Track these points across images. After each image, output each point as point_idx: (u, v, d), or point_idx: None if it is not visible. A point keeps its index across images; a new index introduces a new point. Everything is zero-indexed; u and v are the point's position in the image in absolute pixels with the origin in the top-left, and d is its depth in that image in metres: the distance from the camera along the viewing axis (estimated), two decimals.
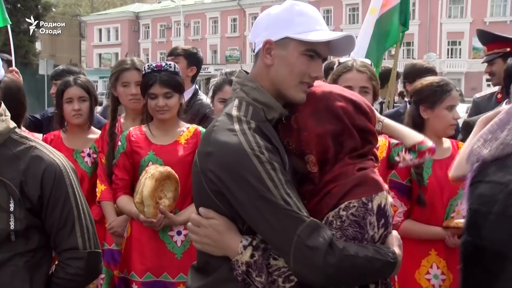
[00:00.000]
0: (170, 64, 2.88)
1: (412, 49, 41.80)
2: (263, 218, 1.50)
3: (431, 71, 4.18)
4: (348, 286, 1.58)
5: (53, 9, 40.99)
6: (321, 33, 1.63)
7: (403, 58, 39.92)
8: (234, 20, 50.91)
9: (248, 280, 1.54)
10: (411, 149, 2.26)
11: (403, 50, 41.73)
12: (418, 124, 2.72)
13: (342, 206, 1.55)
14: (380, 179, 1.63)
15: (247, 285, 1.55)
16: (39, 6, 33.13)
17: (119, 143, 2.95)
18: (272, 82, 1.65)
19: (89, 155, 3.35)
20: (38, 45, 41.56)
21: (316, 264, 1.45)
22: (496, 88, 3.94)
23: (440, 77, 2.93)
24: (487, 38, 3.99)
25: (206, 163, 1.57)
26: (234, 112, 1.61)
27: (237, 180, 1.51)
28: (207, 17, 52.43)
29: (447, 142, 2.89)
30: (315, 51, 1.63)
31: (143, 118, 3.06)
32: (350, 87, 2.43)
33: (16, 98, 2.78)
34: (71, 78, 3.34)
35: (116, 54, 55.22)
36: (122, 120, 3.32)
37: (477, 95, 4.15)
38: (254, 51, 1.71)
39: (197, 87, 4.20)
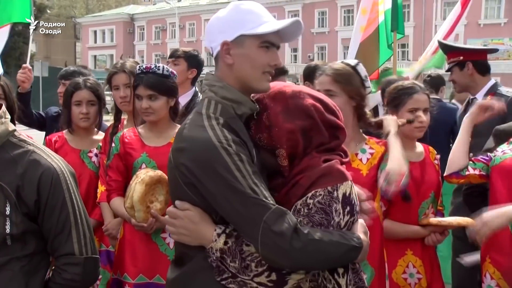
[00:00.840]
0: (159, 66, 2.84)
1: (407, 51, 41.93)
2: (232, 206, 1.60)
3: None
4: (315, 269, 1.66)
5: (48, 11, 40.90)
6: (270, 24, 1.74)
7: (398, 60, 39.97)
8: None
9: (223, 266, 1.63)
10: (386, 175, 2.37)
11: (398, 52, 41.74)
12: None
13: (309, 194, 1.65)
14: (344, 170, 1.73)
15: (221, 271, 1.64)
16: (34, 8, 33.01)
17: (113, 145, 2.95)
18: (237, 79, 1.76)
19: (96, 155, 3.36)
20: (32, 47, 41.39)
21: (283, 248, 1.54)
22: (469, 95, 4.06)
23: (411, 81, 3.02)
24: (445, 49, 4.23)
25: (178, 158, 1.67)
26: (204, 110, 1.72)
27: (207, 172, 1.61)
28: (202, 19, 52.40)
29: (419, 147, 2.96)
30: (269, 42, 1.74)
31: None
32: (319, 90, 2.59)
33: (9, 97, 2.76)
34: (81, 80, 3.34)
35: (111, 56, 55.17)
36: (125, 122, 3.36)
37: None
38: (213, 56, 1.81)
39: (197, 89, 4.19)
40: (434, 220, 2.82)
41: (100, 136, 3.43)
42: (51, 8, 50.90)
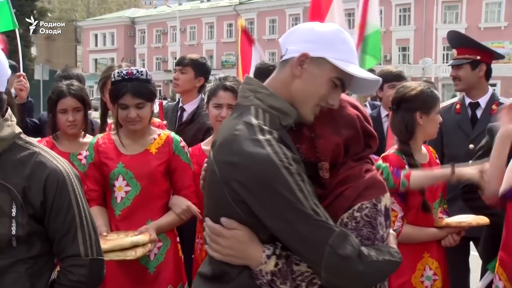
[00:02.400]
0: (141, 71, 2.69)
1: (408, 54, 41.95)
2: (293, 229, 1.51)
3: (401, 77, 4.29)
4: None
5: (49, 14, 40.99)
6: (357, 68, 1.66)
7: (399, 63, 40.06)
8: (230, 25, 50.97)
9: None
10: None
11: (399, 55, 41.89)
12: (411, 130, 2.80)
13: (356, 207, 1.60)
14: (384, 181, 1.70)
15: None
16: (35, 12, 33.11)
17: (87, 153, 2.79)
18: (291, 94, 1.66)
19: (86, 157, 3.29)
20: (33, 50, 41.50)
21: (349, 273, 1.51)
22: (456, 99, 3.95)
23: (422, 82, 2.99)
24: (460, 41, 3.90)
25: (230, 173, 1.56)
26: (254, 121, 1.59)
27: (268, 192, 1.51)
28: (203, 22, 52.52)
29: (422, 148, 2.97)
30: (342, 81, 1.66)
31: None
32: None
33: (11, 102, 2.76)
34: (64, 87, 3.16)
35: (112, 59, 55.18)
36: (113, 126, 3.18)
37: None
38: (282, 56, 1.70)
39: (203, 96, 3.99)
40: (453, 221, 2.83)
41: (88, 138, 3.27)
42: (52, 12, 51.00)
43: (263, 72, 3.92)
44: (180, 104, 4.11)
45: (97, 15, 62.04)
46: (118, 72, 2.67)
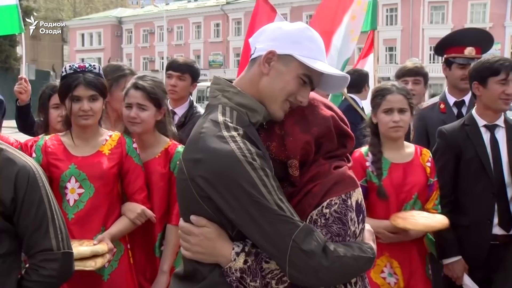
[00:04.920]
0: (94, 65, 2.65)
1: (395, 54, 42.14)
2: (256, 224, 1.51)
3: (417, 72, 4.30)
4: (337, 284, 1.63)
5: (35, 14, 40.59)
6: (324, 64, 1.67)
7: (386, 63, 40.26)
8: (217, 25, 50.90)
9: (242, 286, 1.57)
10: None
11: (386, 55, 42.06)
12: (376, 132, 2.93)
13: (325, 204, 1.61)
14: (354, 176, 1.70)
15: None
16: (20, 11, 32.75)
17: (34, 155, 2.63)
18: (259, 92, 1.68)
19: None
20: (19, 50, 41.12)
21: (312, 268, 1.50)
22: (437, 99, 3.98)
23: (390, 82, 3.06)
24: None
25: (195, 170, 1.57)
26: (220, 118, 1.61)
27: (231, 187, 1.52)
28: (190, 22, 52.33)
29: (410, 148, 2.98)
30: (310, 79, 1.67)
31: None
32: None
33: None
34: (58, 83, 3.13)
35: (99, 59, 54.83)
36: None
37: (422, 105, 4.12)
38: (251, 55, 1.71)
39: (192, 98, 4.04)
40: (400, 223, 2.72)
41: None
42: (37, 11, 50.50)
43: None
44: (170, 108, 4.05)
45: (84, 15, 61.58)
46: (69, 66, 2.63)
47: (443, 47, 3.97)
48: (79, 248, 2.40)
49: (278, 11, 4.77)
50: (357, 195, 1.66)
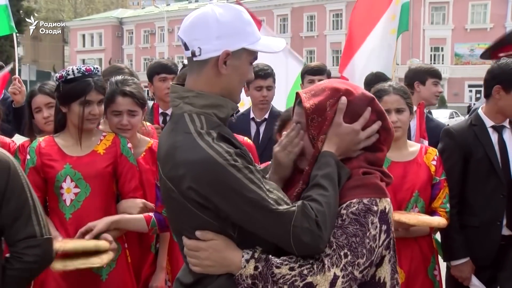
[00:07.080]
0: (97, 67, 2.65)
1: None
2: (256, 220, 1.55)
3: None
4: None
5: (35, 14, 40.66)
6: (265, 39, 1.71)
7: None
8: None
9: None
10: None
11: None
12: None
13: (344, 205, 1.62)
14: (383, 186, 1.69)
15: None
16: (21, 12, 32.83)
17: (28, 157, 2.63)
18: (223, 90, 1.68)
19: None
20: (20, 51, 41.18)
21: (316, 244, 1.55)
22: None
23: (387, 83, 3.02)
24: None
25: (183, 184, 1.57)
26: (191, 128, 1.60)
27: (221, 193, 1.54)
28: None
29: (414, 146, 2.97)
30: (256, 58, 1.73)
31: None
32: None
33: None
34: (36, 87, 3.13)
35: (100, 59, 54.93)
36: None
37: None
38: (196, 55, 1.65)
39: None
40: (395, 215, 2.64)
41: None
42: (38, 12, 50.62)
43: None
44: (161, 110, 4.00)
45: (85, 16, 61.67)
46: (77, 69, 2.58)
47: (496, 47, 3.96)
48: (81, 241, 2.40)
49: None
50: (384, 204, 1.64)
